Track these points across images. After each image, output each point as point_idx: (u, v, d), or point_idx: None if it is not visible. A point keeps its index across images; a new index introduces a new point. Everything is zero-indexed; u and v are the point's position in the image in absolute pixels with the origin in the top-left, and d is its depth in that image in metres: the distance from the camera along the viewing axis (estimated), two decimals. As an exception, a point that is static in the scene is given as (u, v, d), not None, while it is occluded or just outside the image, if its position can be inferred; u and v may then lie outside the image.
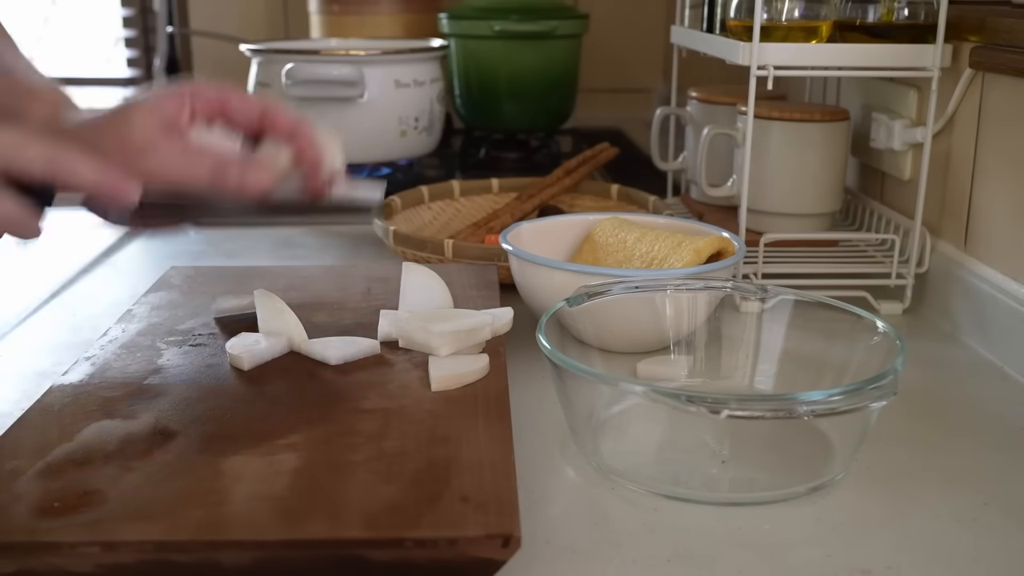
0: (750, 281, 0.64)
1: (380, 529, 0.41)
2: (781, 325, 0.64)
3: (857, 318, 0.60)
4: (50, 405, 0.53)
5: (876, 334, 0.58)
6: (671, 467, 0.56)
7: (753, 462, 0.56)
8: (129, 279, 0.92)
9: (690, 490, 0.53)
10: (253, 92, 1.17)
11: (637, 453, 0.58)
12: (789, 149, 0.89)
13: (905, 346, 0.54)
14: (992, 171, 0.76)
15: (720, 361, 0.66)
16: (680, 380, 0.66)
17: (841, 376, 0.59)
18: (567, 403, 0.56)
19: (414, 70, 1.16)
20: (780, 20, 0.81)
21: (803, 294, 0.63)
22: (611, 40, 1.86)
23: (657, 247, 0.75)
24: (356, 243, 1.02)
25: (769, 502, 0.52)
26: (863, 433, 0.54)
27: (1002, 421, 0.63)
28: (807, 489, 0.53)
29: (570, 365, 0.53)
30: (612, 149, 1.07)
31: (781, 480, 0.54)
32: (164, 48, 2.02)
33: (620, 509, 0.52)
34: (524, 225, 0.80)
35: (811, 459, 0.56)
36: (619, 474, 0.54)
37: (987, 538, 0.50)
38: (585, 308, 0.62)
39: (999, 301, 0.72)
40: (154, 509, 0.43)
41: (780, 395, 0.58)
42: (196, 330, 0.65)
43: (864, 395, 0.49)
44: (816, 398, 0.49)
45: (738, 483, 0.54)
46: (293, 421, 0.52)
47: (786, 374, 0.63)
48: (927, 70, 0.78)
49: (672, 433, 0.57)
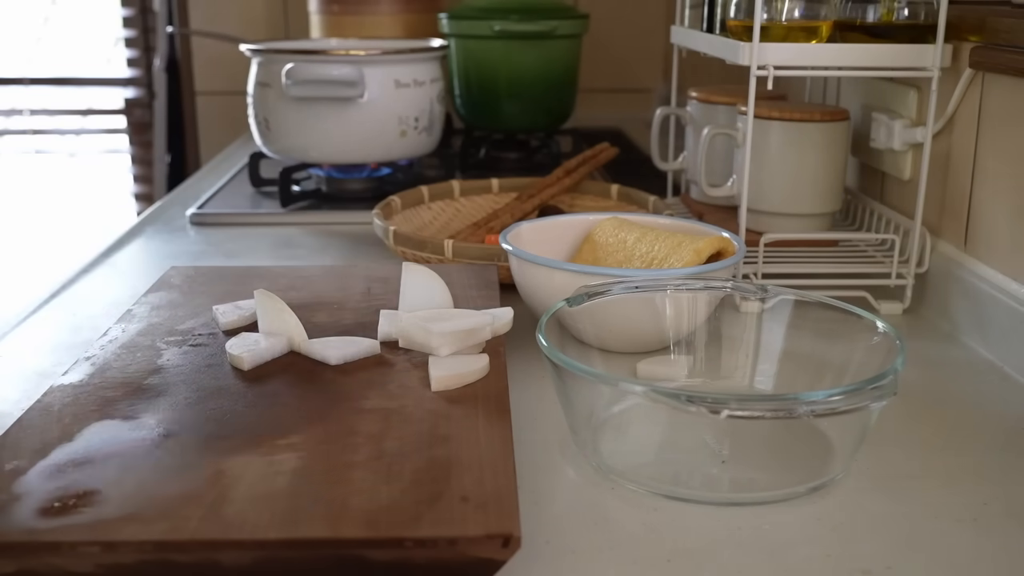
0: (750, 281, 0.64)
1: (380, 529, 0.41)
2: (781, 325, 0.64)
3: (857, 318, 0.60)
4: (50, 405, 0.53)
5: (876, 334, 0.58)
6: (671, 467, 0.56)
7: (753, 462, 0.56)
8: (129, 279, 0.92)
9: (690, 490, 0.53)
10: (254, 92, 1.17)
11: (637, 453, 0.58)
12: (789, 149, 0.89)
13: (905, 346, 0.54)
14: (992, 171, 0.76)
15: (720, 361, 0.66)
16: (680, 380, 0.66)
17: (841, 376, 0.59)
18: (567, 403, 0.56)
19: (414, 70, 1.16)
20: (780, 20, 0.81)
21: (803, 294, 0.63)
22: (611, 40, 1.87)
23: (657, 247, 0.75)
24: (356, 243, 1.02)
25: (769, 502, 0.52)
26: (863, 433, 0.54)
27: (1002, 421, 0.63)
28: (807, 489, 0.53)
29: (570, 365, 0.53)
30: (612, 149, 1.07)
31: (781, 480, 0.54)
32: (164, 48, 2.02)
33: (620, 509, 0.52)
34: (524, 225, 0.80)
35: (811, 459, 0.56)
36: (619, 474, 0.54)
37: (987, 538, 0.50)
38: (585, 308, 0.62)
39: (999, 301, 0.72)
40: (154, 509, 0.43)
41: (780, 395, 0.58)
42: (196, 330, 0.65)
43: (864, 395, 0.49)
44: (816, 398, 0.49)
45: (738, 483, 0.54)
46: (293, 421, 0.52)
47: (786, 374, 0.63)
48: (927, 70, 0.78)
49: (672, 433, 0.57)
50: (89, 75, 2.31)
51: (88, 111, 2.34)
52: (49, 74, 2.33)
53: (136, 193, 2.26)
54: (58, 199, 2.51)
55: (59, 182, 2.47)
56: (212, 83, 1.93)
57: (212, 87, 1.93)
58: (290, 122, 1.14)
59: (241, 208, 1.15)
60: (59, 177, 2.46)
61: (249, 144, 1.51)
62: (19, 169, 2.48)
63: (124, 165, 2.28)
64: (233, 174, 1.33)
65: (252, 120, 1.19)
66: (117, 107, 2.26)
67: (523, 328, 0.72)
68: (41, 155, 2.44)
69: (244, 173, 1.30)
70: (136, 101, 2.21)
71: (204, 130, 1.96)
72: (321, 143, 1.14)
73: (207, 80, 1.93)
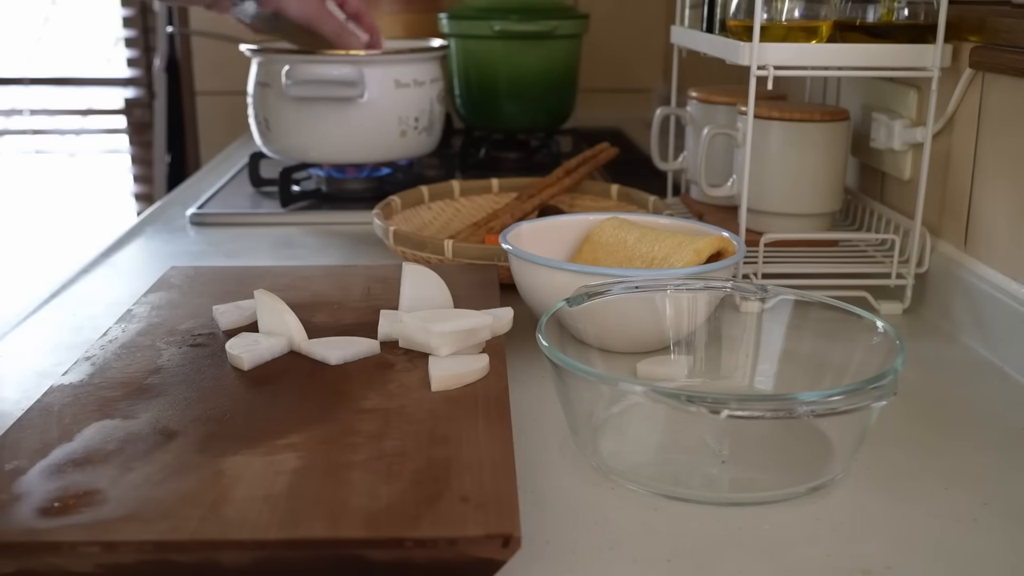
0: (750, 281, 0.63)
1: (380, 529, 0.41)
2: (781, 325, 0.64)
3: (857, 318, 0.60)
4: (50, 405, 0.53)
5: (876, 334, 0.58)
6: (671, 467, 0.56)
7: (753, 462, 0.56)
8: (129, 279, 0.92)
9: (690, 490, 0.53)
10: (254, 92, 1.17)
11: (637, 453, 0.58)
12: (789, 149, 0.89)
13: (905, 346, 0.54)
14: (992, 171, 0.76)
15: (720, 361, 0.66)
16: (680, 380, 0.66)
17: (841, 376, 0.59)
18: (567, 403, 0.56)
19: (414, 70, 1.16)
20: (780, 20, 0.81)
21: (803, 294, 0.63)
22: (611, 40, 1.87)
23: (657, 247, 0.75)
24: (356, 243, 1.02)
25: (769, 502, 0.52)
26: (863, 433, 0.54)
27: (1002, 421, 0.63)
28: (807, 489, 0.53)
29: (570, 365, 0.53)
30: (612, 149, 1.07)
31: (781, 480, 0.54)
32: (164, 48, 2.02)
33: (620, 509, 0.52)
34: (524, 225, 0.80)
35: (811, 459, 0.56)
36: (619, 474, 0.54)
37: (987, 538, 0.50)
38: (585, 308, 0.62)
39: (999, 301, 0.72)
40: (154, 509, 0.43)
41: (780, 395, 0.58)
42: (196, 330, 0.65)
43: (864, 395, 0.49)
44: (816, 398, 0.49)
45: (738, 483, 0.54)
46: (293, 421, 0.52)
47: (786, 374, 0.63)
48: (927, 70, 0.78)
49: (672, 433, 0.57)
50: (89, 75, 2.31)
51: (88, 111, 2.35)
52: (49, 74, 2.33)
53: (136, 193, 2.26)
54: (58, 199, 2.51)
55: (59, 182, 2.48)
56: (212, 83, 1.93)
57: (212, 87, 1.93)
58: (290, 122, 1.14)
59: (241, 208, 1.15)
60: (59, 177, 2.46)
61: (249, 144, 1.51)
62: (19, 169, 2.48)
63: (124, 165, 2.28)
64: (233, 174, 1.33)
65: (252, 120, 1.19)
66: (117, 107, 2.26)
67: (523, 328, 0.72)
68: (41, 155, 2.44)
69: (244, 173, 1.30)
70: (136, 101, 2.21)
71: (204, 130, 1.96)
72: (321, 143, 1.14)
73: (207, 80, 1.93)
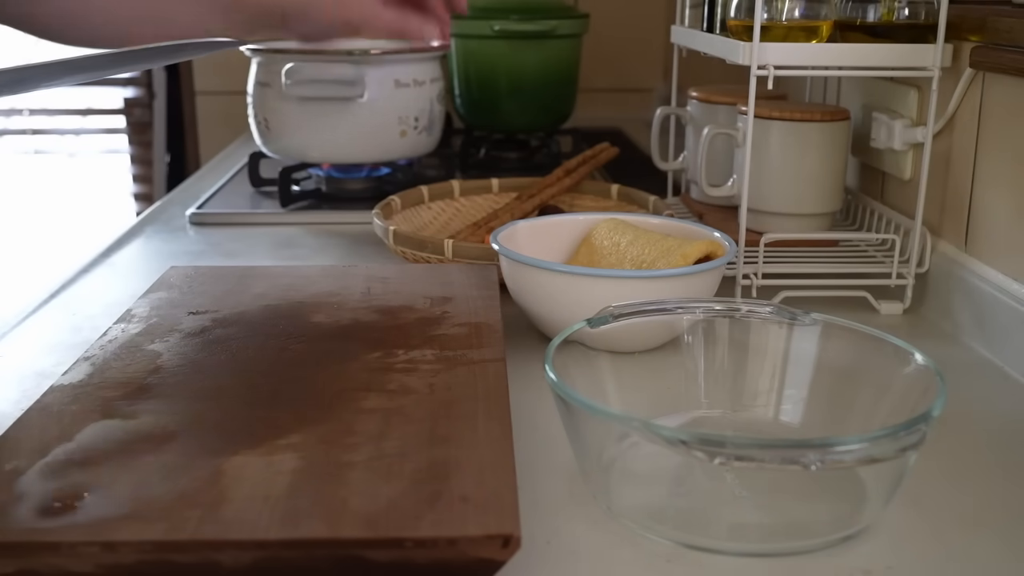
0: (785, 308, 0.61)
1: (380, 529, 0.41)
2: (811, 352, 0.60)
3: (894, 348, 0.55)
4: (50, 405, 0.53)
5: (911, 364, 0.54)
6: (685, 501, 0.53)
7: (777, 506, 0.52)
8: (129, 279, 0.92)
9: (710, 539, 0.49)
10: (253, 92, 1.17)
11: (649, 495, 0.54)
12: (789, 149, 0.89)
13: (946, 387, 0.50)
14: (992, 171, 0.76)
15: (743, 389, 0.62)
16: (700, 409, 0.62)
17: (874, 408, 0.55)
18: (576, 438, 0.53)
19: (414, 70, 1.16)
20: (780, 20, 0.81)
21: (835, 319, 0.59)
22: (611, 40, 1.86)
23: (648, 251, 0.74)
24: (356, 243, 1.02)
25: (793, 553, 0.49)
26: (898, 480, 0.50)
27: (1002, 421, 0.63)
28: (839, 539, 0.49)
29: (579, 401, 0.50)
30: (612, 149, 1.07)
31: (809, 527, 0.50)
32: (164, 48, 2.02)
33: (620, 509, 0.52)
34: (520, 225, 0.80)
35: (840, 503, 0.52)
36: (632, 519, 0.51)
37: (987, 538, 0.50)
38: (604, 329, 0.59)
39: (999, 301, 0.72)
40: (154, 509, 0.43)
41: (788, 440, 0.48)
42: (196, 330, 0.65)
43: (887, 444, 0.44)
44: (830, 445, 0.43)
45: (759, 529, 0.51)
46: (293, 421, 0.52)
47: (814, 406, 0.59)
48: (927, 70, 0.78)
49: (687, 469, 0.54)
50: (89, 75, 2.31)
51: (87, 111, 2.34)
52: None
53: (136, 193, 2.26)
54: (58, 199, 2.51)
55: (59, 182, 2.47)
56: (212, 83, 1.93)
57: (212, 87, 1.93)
58: (290, 122, 1.14)
59: (241, 208, 1.15)
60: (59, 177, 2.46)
61: (249, 144, 1.51)
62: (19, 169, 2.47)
63: (124, 165, 2.28)
64: (233, 174, 1.33)
65: (252, 120, 1.19)
66: (117, 107, 2.26)
67: (523, 328, 0.72)
68: (41, 155, 2.44)
69: (244, 173, 1.30)
70: (136, 101, 2.21)
71: (204, 130, 1.96)
72: (321, 143, 1.14)
73: (207, 80, 1.93)
